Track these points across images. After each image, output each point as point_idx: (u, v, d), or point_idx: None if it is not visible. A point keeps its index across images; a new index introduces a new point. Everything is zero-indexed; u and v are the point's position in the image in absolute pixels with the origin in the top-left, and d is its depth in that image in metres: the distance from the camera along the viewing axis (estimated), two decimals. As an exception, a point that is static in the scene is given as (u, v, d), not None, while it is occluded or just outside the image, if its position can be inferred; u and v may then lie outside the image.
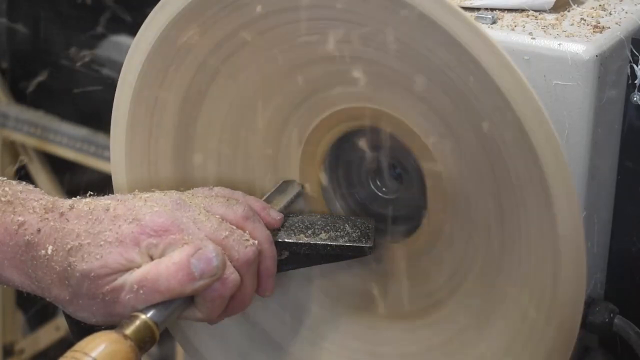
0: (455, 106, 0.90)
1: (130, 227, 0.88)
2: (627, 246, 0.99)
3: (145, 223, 0.88)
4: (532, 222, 0.87)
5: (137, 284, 0.87)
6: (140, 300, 0.87)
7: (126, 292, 0.87)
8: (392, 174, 1.06)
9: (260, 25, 0.95)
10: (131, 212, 0.89)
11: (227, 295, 0.90)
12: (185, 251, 0.87)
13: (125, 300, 0.87)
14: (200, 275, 0.87)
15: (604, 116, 0.93)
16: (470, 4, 1.00)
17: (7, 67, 2.56)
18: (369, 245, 1.01)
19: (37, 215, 0.90)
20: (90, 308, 0.89)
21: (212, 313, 0.91)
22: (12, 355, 2.60)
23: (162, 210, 0.89)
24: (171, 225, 0.89)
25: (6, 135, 2.54)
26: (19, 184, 0.95)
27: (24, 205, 0.91)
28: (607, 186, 0.98)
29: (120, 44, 2.30)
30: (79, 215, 0.89)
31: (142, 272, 0.87)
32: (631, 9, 1.01)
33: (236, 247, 0.91)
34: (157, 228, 0.88)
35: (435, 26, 0.82)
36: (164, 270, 0.87)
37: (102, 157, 2.35)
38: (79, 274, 0.87)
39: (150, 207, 0.89)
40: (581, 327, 0.87)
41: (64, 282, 0.88)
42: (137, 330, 0.85)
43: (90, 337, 0.83)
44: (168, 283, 0.87)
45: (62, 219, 0.89)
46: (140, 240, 0.87)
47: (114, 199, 0.92)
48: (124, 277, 0.87)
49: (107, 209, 0.90)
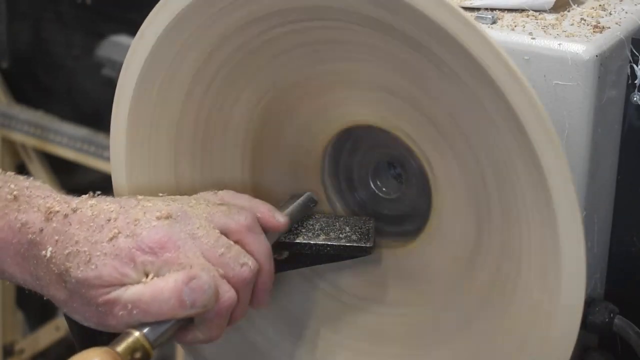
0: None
1: (127, 242, 0.88)
2: (627, 246, 0.99)
3: (142, 239, 0.88)
4: (532, 223, 0.87)
5: (131, 304, 0.87)
6: (134, 318, 0.87)
7: (120, 307, 0.87)
8: (392, 174, 1.06)
9: (261, 26, 0.95)
10: (129, 226, 0.89)
11: (225, 314, 0.90)
12: (180, 278, 0.87)
13: (119, 315, 0.87)
14: (191, 305, 0.87)
15: (604, 116, 0.93)
16: (470, 4, 1.00)
17: (7, 67, 2.57)
18: (369, 245, 1.01)
19: (41, 215, 0.90)
20: (84, 313, 0.89)
21: (211, 332, 0.91)
22: (12, 355, 2.60)
23: (160, 226, 0.89)
24: (168, 242, 0.88)
25: (6, 135, 2.55)
26: (25, 180, 0.94)
27: (29, 203, 0.91)
28: (607, 186, 0.98)
29: (120, 44, 2.30)
30: (81, 221, 0.89)
31: (136, 293, 0.87)
32: (631, 9, 1.01)
33: (232, 265, 0.90)
34: (153, 245, 0.88)
35: (435, 26, 0.82)
36: (158, 294, 0.87)
37: (102, 157, 2.35)
38: (75, 280, 0.87)
39: (148, 220, 0.89)
40: (581, 327, 0.87)
41: (62, 284, 0.89)
42: (130, 349, 0.85)
43: (81, 353, 0.82)
44: (160, 307, 0.86)
45: (65, 222, 0.89)
46: (136, 256, 0.87)
47: (117, 204, 0.92)
48: (118, 292, 0.87)
49: (109, 218, 0.89)
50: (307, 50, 0.96)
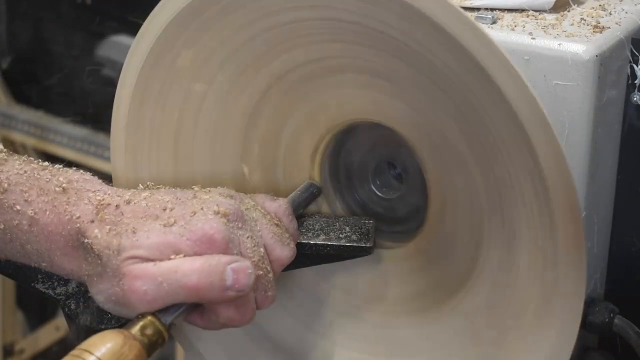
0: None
1: (181, 230, 0.87)
2: (627, 246, 0.99)
3: (195, 231, 0.87)
4: (531, 223, 0.87)
5: (162, 276, 0.85)
6: (161, 293, 0.85)
7: (148, 280, 0.85)
8: (392, 174, 1.06)
9: (261, 25, 0.95)
10: (185, 217, 0.88)
11: (236, 319, 0.90)
12: (223, 257, 0.87)
13: (142, 291, 0.85)
14: (230, 285, 0.86)
15: (604, 116, 0.93)
16: (470, 4, 1.00)
17: (7, 68, 2.57)
18: (370, 245, 1.01)
19: (91, 207, 0.89)
20: (108, 290, 0.87)
21: (212, 326, 0.91)
22: (12, 355, 2.60)
23: (215, 223, 0.88)
24: (220, 240, 0.87)
25: (6, 135, 2.54)
26: (75, 172, 0.93)
27: (78, 196, 0.90)
28: (607, 186, 0.98)
29: (120, 44, 2.30)
30: (134, 211, 0.88)
31: (175, 263, 0.85)
32: (631, 9, 1.01)
33: (261, 289, 0.90)
34: (205, 239, 0.87)
35: (434, 26, 0.82)
36: (198, 268, 0.85)
37: (102, 157, 2.35)
38: (117, 246, 0.86)
39: (205, 214, 0.88)
40: (581, 327, 0.87)
41: (98, 261, 0.87)
42: (145, 331, 0.84)
43: (97, 335, 0.82)
44: (199, 281, 0.85)
45: (117, 212, 0.88)
46: (185, 245, 0.86)
47: (173, 195, 0.91)
48: (152, 264, 0.85)
49: (165, 208, 0.89)
50: (310, 48, 0.96)
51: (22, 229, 0.90)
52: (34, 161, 0.95)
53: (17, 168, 0.93)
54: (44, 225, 0.90)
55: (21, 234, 0.91)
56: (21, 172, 0.92)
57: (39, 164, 0.94)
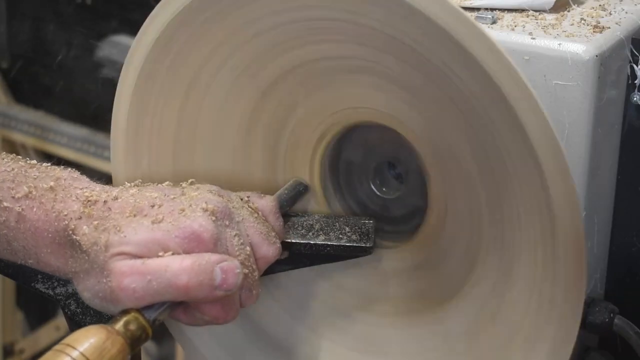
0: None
1: (169, 227, 0.87)
2: (627, 246, 0.99)
3: (184, 228, 0.87)
4: (532, 223, 0.87)
5: (151, 274, 0.85)
6: (150, 291, 0.85)
7: (137, 277, 0.85)
8: (392, 174, 1.06)
9: (261, 25, 0.95)
10: (173, 214, 0.88)
11: (221, 317, 0.90)
12: (213, 257, 0.87)
13: (130, 289, 0.85)
14: (219, 285, 0.86)
15: (604, 116, 0.93)
16: (470, 4, 1.00)
17: (7, 67, 2.57)
18: (369, 245, 1.01)
19: (79, 204, 0.89)
20: (94, 286, 0.87)
21: (196, 322, 0.91)
22: (12, 355, 2.60)
23: (204, 220, 0.88)
24: (209, 240, 0.87)
25: (6, 135, 2.55)
26: (63, 171, 0.93)
27: (66, 193, 0.90)
28: (607, 186, 0.98)
29: (120, 44, 2.30)
30: (122, 207, 0.89)
31: (164, 261, 0.85)
32: (631, 9, 1.01)
33: (246, 288, 0.91)
34: (192, 236, 0.87)
35: (434, 26, 0.82)
36: (187, 267, 0.85)
37: (102, 157, 2.35)
38: (105, 242, 0.86)
39: (194, 211, 0.88)
40: (581, 327, 0.87)
41: (85, 257, 0.87)
42: (129, 326, 0.84)
43: (80, 330, 0.81)
44: (188, 281, 0.85)
45: (105, 208, 0.89)
46: (173, 242, 0.86)
47: (161, 192, 0.91)
48: (140, 260, 0.85)
49: (153, 204, 0.89)
50: (314, 46, 0.96)
51: (9, 226, 0.90)
52: (22, 159, 0.95)
53: (5, 165, 0.93)
54: (32, 222, 0.90)
55: (8, 231, 0.91)
56: (9, 169, 0.92)
57: (27, 162, 0.94)
